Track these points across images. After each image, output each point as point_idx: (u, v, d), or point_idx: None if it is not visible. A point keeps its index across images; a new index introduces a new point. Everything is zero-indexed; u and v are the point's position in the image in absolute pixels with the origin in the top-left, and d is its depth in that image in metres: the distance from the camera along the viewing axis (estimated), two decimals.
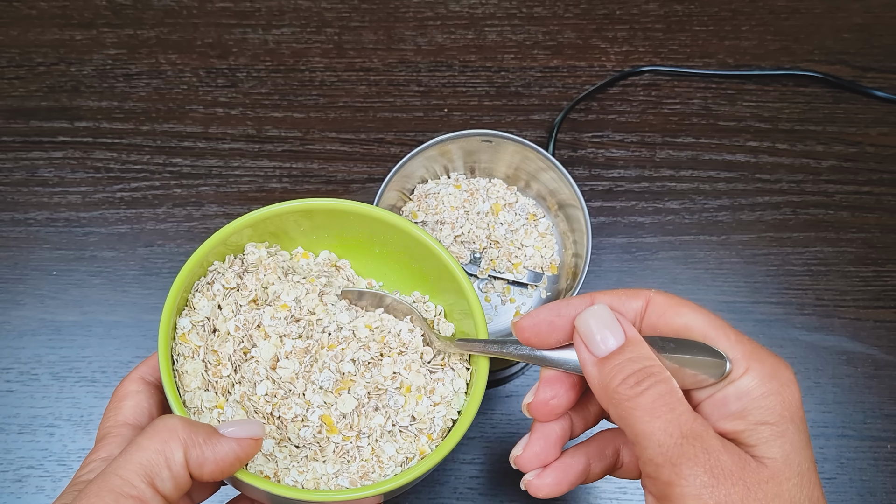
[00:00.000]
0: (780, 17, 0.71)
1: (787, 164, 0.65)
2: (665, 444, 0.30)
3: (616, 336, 0.33)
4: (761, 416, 0.32)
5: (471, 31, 0.70)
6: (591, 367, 0.33)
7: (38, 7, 0.70)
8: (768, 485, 0.30)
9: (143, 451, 0.32)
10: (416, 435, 0.41)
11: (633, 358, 0.32)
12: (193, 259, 0.40)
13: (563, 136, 0.65)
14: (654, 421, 0.30)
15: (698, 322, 0.34)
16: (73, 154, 0.64)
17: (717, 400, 0.33)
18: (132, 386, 0.39)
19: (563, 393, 0.36)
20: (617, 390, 0.31)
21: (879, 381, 0.58)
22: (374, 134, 0.66)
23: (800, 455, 0.31)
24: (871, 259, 0.62)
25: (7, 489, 0.54)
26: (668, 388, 0.31)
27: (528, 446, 0.37)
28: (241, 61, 0.68)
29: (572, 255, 0.52)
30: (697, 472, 0.29)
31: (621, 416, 0.31)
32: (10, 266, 0.61)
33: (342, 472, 0.39)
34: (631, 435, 0.31)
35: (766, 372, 0.32)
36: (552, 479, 0.36)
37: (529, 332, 0.35)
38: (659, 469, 0.30)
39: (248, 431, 0.35)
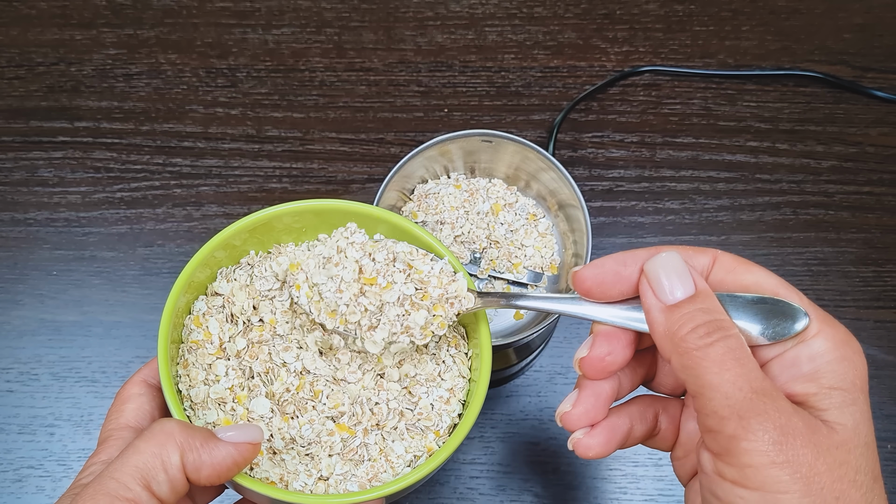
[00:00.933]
0: (781, 18, 0.71)
1: (787, 164, 0.65)
2: (733, 396, 0.29)
3: (686, 285, 0.31)
4: (834, 380, 0.31)
5: (471, 31, 0.70)
6: (658, 313, 0.31)
7: (38, 7, 0.70)
8: (838, 451, 0.29)
9: (139, 454, 0.32)
10: (423, 432, 0.40)
11: (704, 309, 0.31)
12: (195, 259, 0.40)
13: (563, 136, 0.65)
14: (724, 373, 0.29)
15: (770, 281, 0.33)
16: (72, 154, 0.64)
17: (786, 360, 0.32)
18: (134, 389, 0.39)
19: (620, 350, 0.34)
20: (685, 338, 0.30)
21: (879, 381, 0.58)
22: (374, 134, 0.66)
23: (867, 426, 0.30)
24: (872, 259, 0.62)
25: (7, 489, 0.54)
26: (738, 342, 0.30)
27: (578, 403, 0.35)
28: (240, 61, 0.68)
29: (572, 255, 0.52)
30: (767, 427, 0.28)
31: (687, 365, 0.30)
32: (10, 266, 0.61)
33: (350, 474, 0.39)
34: (695, 386, 0.30)
35: (839, 337, 0.31)
36: (603, 437, 0.35)
37: (592, 282, 0.33)
38: (724, 422, 0.29)
39: (246, 436, 0.34)
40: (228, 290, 0.42)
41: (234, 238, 0.42)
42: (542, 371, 0.58)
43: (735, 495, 0.29)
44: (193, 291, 0.42)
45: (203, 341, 0.41)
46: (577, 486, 0.55)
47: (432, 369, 0.42)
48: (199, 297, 0.42)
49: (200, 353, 0.40)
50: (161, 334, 0.38)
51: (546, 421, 0.56)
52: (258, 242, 0.43)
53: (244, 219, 0.41)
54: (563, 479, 0.55)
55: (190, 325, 0.41)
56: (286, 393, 0.40)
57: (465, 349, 0.43)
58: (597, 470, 0.55)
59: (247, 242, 0.43)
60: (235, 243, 0.42)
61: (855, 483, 0.29)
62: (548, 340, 0.58)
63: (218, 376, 0.40)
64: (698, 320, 0.30)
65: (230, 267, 0.43)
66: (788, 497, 0.28)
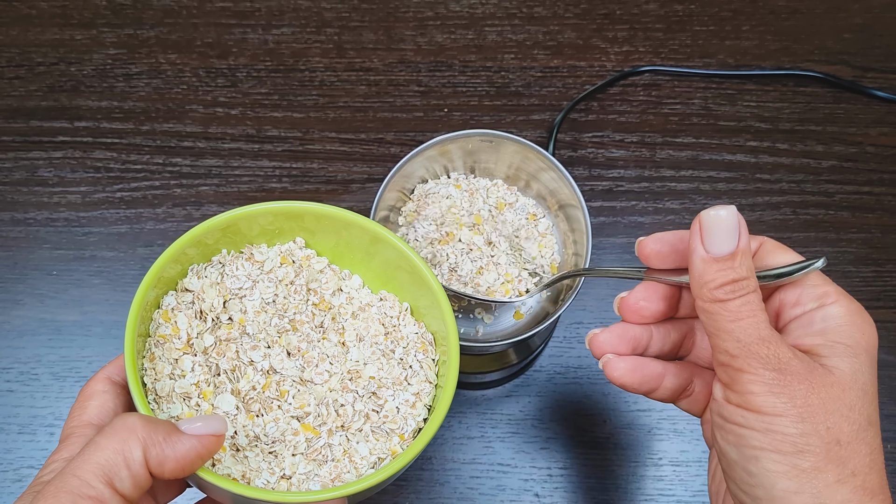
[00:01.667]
0: (781, 18, 0.71)
1: (787, 164, 0.65)
2: (743, 339, 0.33)
3: (731, 242, 0.34)
4: (839, 337, 0.34)
5: (471, 31, 0.70)
6: (699, 260, 0.34)
7: (37, 7, 0.70)
8: (832, 388, 0.33)
9: (101, 450, 0.32)
10: (388, 435, 0.41)
11: (735, 267, 0.34)
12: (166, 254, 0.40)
13: (563, 136, 0.65)
14: (738, 322, 0.33)
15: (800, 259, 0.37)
16: (72, 154, 0.64)
17: (803, 321, 0.36)
18: (98, 386, 0.39)
19: (655, 299, 0.38)
20: (713, 291, 0.34)
21: (879, 381, 0.57)
22: (374, 134, 0.66)
23: (866, 377, 0.34)
24: (871, 259, 0.62)
25: (7, 489, 0.54)
26: (755, 297, 0.34)
27: (607, 331, 0.39)
28: (240, 61, 0.68)
29: (572, 255, 0.52)
30: (768, 365, 0.33)
31: (708, 310, 0.34)
32: (10, 266, 0.61)
33: (313, 474, 0.39)
34: (712, 328, 0.34)
35: (853, 308, 0.36)
36: (631, 364, 0.38)
37: (651, 248, 0.38)
38: (733, 359, 0.33)
39: (209, 428, 0.34)
40: (199, 287, 0.42)
41: (206, 236, 0.42)
42: (542, 371, 0.58)
43: (737, 414, 0.33)
44: (163, 287, 0.41)
45: (171, 336, 0.41)
46: (577, 486, 0.55)
47: (399, 373, 0.42)
48: (169, 292, 0.42)
49: (167, 348, 0.40)
50: (128, 327, 0.38)
51: (546, 421, 0.56)
52: (231, 242, 0.43)
53: (216, 217, 0.41)
54: (563, 479, 0.55)
55: (158, 320, 0.41)
56: (252, 391, 0.40)
57: (433, 355, 0.43)
58: (597, 470, 0.55)
59: (219, 241, 0.43)
60: (208, 241, 0.42)
61: (847, 418, 0.33)
62: (548, 340, 0.58)
63: (184, 371, 0.40)
64: (728, 277, 0.34)
65: (201, 264, 0.43)
66: (782, 420, 0.32)
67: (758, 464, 0.33)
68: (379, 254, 0.44)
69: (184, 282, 0.42)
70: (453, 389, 0.40)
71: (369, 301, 0.44)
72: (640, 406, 0.57)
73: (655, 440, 0.56)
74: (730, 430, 0.34)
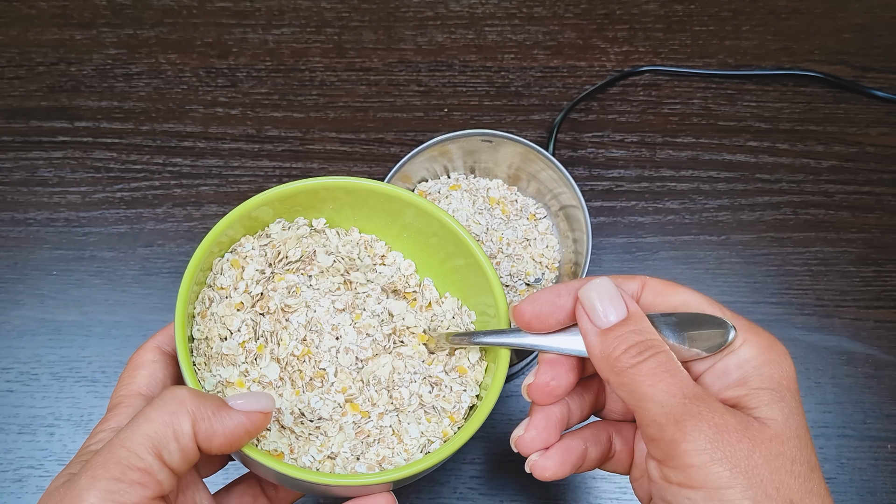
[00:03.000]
0: (781, 17, 0.71)
1: (787, 164, 0.65)
2: (668, 403, 0.31)
3: (618, 309, 0.33)
4: (762, 382, 0.33)
5: (471, 31, 0.70)
6: (594, 337, 0.33)
7: (37, 7, 0.70)
8: (772, 443, 0.31)
9: (150, 422, 0.32)
10: (440, 414, 0.40)
11: (636, 330, 0.33)
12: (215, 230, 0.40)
13: (563, 136, 0.65)
14: (657, 384, 0.31)
15: (696, 300, 0.35)
16: (72, 154, 0.64)
17: (717, 371, 0.34)
18: (148, 355, 0.39)
19: (563, 374, 0.36)
20: (619, 359, 0.32)
21: (879, 381, 0.58)
22: (374, 134, 0.66)
23: (797, 420, 0.32)
24: (872, 259, 0.62)
25: (7, 489, 0.54)
26: (668, 357, 0.32)
27: (530, 427, 0.37)
28: (240, 61, 0.68)
29: (572, 254, 0.52)
30: (702, 427, 0.30)
31: (623, 382, 0.32)
32: (10, 266, 0.61)
33: (360, 453, 0.38)
34: (632, 400, 0.32)
35: (763, 343, 0.34)
36: (558, 458, 0.37)
37: (530, 314, 0.36)
38: (662, 429, 0.31)
39: (257, 404, 0.34)
40: (281, 237, 0.42)
41: (259, 209, 0.41)
42: None
43: (683, 497, 0.30)
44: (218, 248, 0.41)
45: (230, 286, 0.40)
46: (577, 486, 0.55)
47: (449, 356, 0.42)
48: (242, 238, 0.42)
49: (223, 304, 0.40)
50: (180, 297, 0.37)
51: None
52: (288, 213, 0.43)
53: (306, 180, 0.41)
54: (563, 479, 0.55)
55: (223, 267, 0.41)
56: (294, 360, 0.40)
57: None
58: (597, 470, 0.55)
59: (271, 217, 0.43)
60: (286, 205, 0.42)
61: (792, 473, 0.30)
62: None
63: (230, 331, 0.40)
64: (631, 341, 0.32)
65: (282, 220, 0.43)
66: (731, 492, 0.30)
67: None
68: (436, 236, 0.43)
69: (268, 228, 0.42)
70: (506, 366, 0.39)
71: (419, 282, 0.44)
72: None
73: None
74: None
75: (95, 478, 0.31)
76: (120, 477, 0.31)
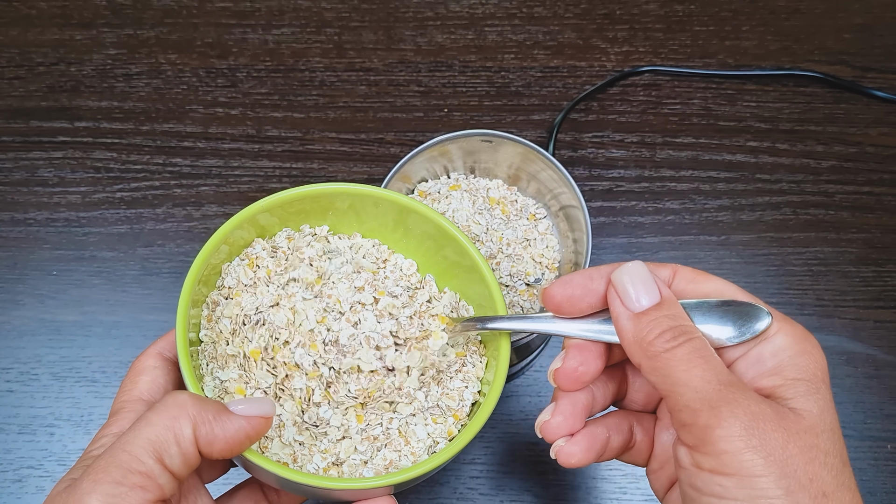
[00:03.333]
0: (781, 18, 0.71)
1: (787, 164, 0.65)
2: (703, 389, 0.30)
3: (651, 294, 0.33)
4: (797, 373, 0.32)
5: (471, 31, 0.70)
6: (626, 321, 0.33)
7: (37, 7, 0.70)
8: (806, 434, 0.30)
9: (152, 426, 0.32)
10: (444, 414, 0.40)
11: (669, 315, 0.32)
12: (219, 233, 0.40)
13: (563, 136, 0.65)
14: (692, 370, 0.31)
15: (728, 288, 0.35)
16: (73, 154, 0.64)
17: (751, 358, 0.33)
18: (149, 361, 0.39)
19: (591, 361, 0.35)
20: (653, 343, 0.32)
21: (879, 381, 0.58)
22: (374, 134, 0.66)
23: (831, 413, 0.32)
24: (872, 259, 0.62)
25: (7, 489, 0.54)
26: (702, 343, 0.32)
27: (556, 413, 0.36)
28: (241, 61, 0.68)
29: (572, 255, 0.52)
30: (738, 413, 0.30)
31: (655, 367, 0.32)
32: (10, 266, 0.61)
33: (370, 461, 0.38)
34: (665, 385, 0.31)
35: (798, 334, 0.33)
36: (584, 445, 0.36)
37: (561, 297, 0.35)
38: (696, 414, 0.30)
39: (258, 409, 0.34)
40: (289, 245, 0.42)
41: (262, 215, 0.41)
42: (542, 371, 0.58)
43: (714, 483, 0.30)
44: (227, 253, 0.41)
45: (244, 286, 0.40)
46: (577, 486, 0.55)
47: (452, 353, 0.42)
48: (253, 241, 0.42)
49: (231, 305, 0.40)
50: (181, 303, 0.37)
51: None
52: (293, 221, 0.43)
53: (311, 186, 0.42)
54: (563, 479, 0.55)
55: (233, 271, 0.41)
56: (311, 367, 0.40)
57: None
58: (597, 470, 0.55)
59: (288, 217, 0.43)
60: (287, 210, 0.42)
61: (825, 465, 0.30)
62: (548, 340, 0.58)
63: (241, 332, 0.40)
64: (664, 325, 0.32)
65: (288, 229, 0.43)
66: (765, 480, 0.29)
67: None
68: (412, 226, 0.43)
69: (275, 239, 0.42)
70: (506, 363, 0.39)
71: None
72: None
73: None
74: (707, 503, 0.31)
75: (97, 482, 0.31)
76: (121, 480, 0.31)
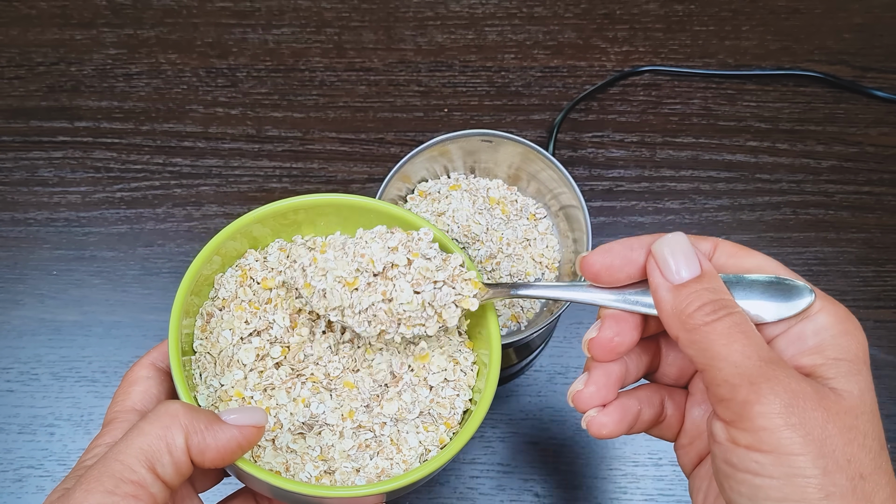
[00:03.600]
0: (781, 17, 0.71)
1: (787, 164, 0.65)
2: (743, 365, 0.30)
3: (691, 266, 0.32)
4: (838, 353, 0.32)
5: (471, 31, 0.70)
6: (665, 292, 0.32)
7: (38, 7, 0.70)
8: (846, 415, 0.30)
9: (144, 436, 0.32)
10: (436, 422, 0.40)
11: (710, 288, 0.32)
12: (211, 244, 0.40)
13: (563, 136, 0.65)
14: (732, 344, 0.30)
15: (770, 264, 0.34)
16: (73, 154, 0.64)
17: (791, 336, 0.33)
18: (142, 371, 0.39)
19: (627, 332, 0.35)
20: (692, 316, 0.31)
21: (879, 381, 0.58)
22: (374, 134, 0.66)
23: (871, 395, 0.31)
24: (871, 259, 0.62)
25: (7, 489, 0.54)
26: (743, 318, 0.31)
27: (590, 382, 0.35)
28: (241, 61, 0.68)
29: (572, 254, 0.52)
30: (779, 391, 0.29)
31: (694, 340, 0.31)
32: (10, 266, 0.61)
33: (362, 469, 0.39)
34: (704, 359, 0.31)
35: (840, 314, 0.33)
36: (616, 416, 0.35)
37: (600, 265, 0.34)
38: (735, 389, 0.30)
39: (250, 419, 0.34)
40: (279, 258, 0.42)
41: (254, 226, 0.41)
42: (542, 371, 0.58)
43: (750, 460, 0.30)
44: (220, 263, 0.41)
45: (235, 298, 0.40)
46: (577, 486, 0.55)
47: (444, 359, 0.41)
48: (246, 252, 0.42)
49: (226, 315, 0.40)
50: (173, 315, 0.38)
51: (546, 421, 0.56)
52: (285, 231, 0.43)
53: (302, 196, 0.41)
54: (563, 479, 0.55)
55: (226, 281, 0.41)
56: (297, 379, 0.40)
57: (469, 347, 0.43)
58: (597, 470, 0.55)
59: (270, 236, 0.43)
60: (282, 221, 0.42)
61: (864, 447, 0.30)
62: (548, 340, 0.58)
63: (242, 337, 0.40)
64: (704, 298, 0.31)
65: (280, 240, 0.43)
66: (802, 459, 0.29)
67: None
68: None
69: (266, 250, 0.42)
70: (497, 371, 0.38)
71: None
72: None
73: (655, 440, 0.56)
74: (742, 479, 0.30)
75: (89, 491, 0.31)
76: (113, 490, 0.31)
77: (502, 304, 0.53)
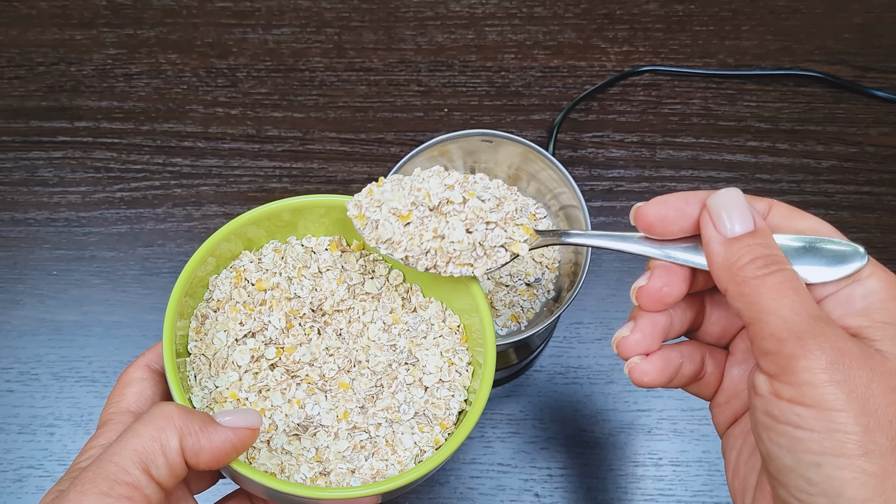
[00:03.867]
0: (781, 17, 0.71)
1: (787, 164, 0.65)
2: (791, 320, 0.30)
3: (745, 221, 0.33)
4: (885, 316, 0.32)
5: (471, 31, 0.70)
6: (717, 245, 0.33)
7: (38, 7, 0.70)
8: (891, 377, 0.30)
9: (138, 437, 0.32)
10: (431, 423, 0.40)
11: (762, 244, 0.32)
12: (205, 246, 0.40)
13: (563, 136, 0.65)
14: (782, 299, 0.31)
15: (824, 227, 0.34)
16: (73, 154, 0.64)
17: (841, 297, 0.33)
18: (137, 373, 0.39)
19: (676, 283, 0.35)
20: (743, 268, 0.32)
21: None
22: (374, 134, 0.66)
23: None
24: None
25: (7, 489, 0.54)
26: (793, 275, 0.32)
27: (636, 330, 0.36)
28: (241, 61, 0.68)
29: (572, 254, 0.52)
30: (825, 347, 0.30)
31: (743, 293, 0.31)
32: (10, 266, 0.61)
33: (357, 470, 0.39)
34: (751, 312, 0.31)
35: (890, 280, 0.33)
36: (659, 365, 0.36)
37: (655, 216, 0.35)
38: (782, 343, 0.30)
39: (244, 421, 0.34)
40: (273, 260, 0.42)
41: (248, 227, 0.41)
42: (542, 371, 0.58)
43: (792, 413, 0.30)
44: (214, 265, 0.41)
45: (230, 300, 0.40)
46: (577, 486, 0.55)
47: (439, 359, 0.41)
48: (241, 254, 0.42)
49: (221, 317, 0.40)
50: (168, 316, 0.38)
51: (546, 421, 0.56)
52: (279, 232, 0.43)
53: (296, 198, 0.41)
54: (563, 479, 0.55)
55: (222, 284, 0.41)
56: (293, 380, 0.40)
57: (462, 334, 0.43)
58: (597, 470, 0.55)
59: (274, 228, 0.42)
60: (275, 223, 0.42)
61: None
62: (548, 340, 0.58)
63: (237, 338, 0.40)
64: (756, 253, 0.32)
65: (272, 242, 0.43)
66: (844, 415, 0.29)
67: (820, 471, 0.29)
68: None
69: (261, 251, 0.42)
70: (492, 372, 0.39)
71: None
72: (639, 406, 0.57)
73: (655, 440, 0.56)
74: (783, 431, 0.30)
75: (84, 493, 0.31)
76: (108, 491, 0.31)
77: (502, 304, 0.53)
